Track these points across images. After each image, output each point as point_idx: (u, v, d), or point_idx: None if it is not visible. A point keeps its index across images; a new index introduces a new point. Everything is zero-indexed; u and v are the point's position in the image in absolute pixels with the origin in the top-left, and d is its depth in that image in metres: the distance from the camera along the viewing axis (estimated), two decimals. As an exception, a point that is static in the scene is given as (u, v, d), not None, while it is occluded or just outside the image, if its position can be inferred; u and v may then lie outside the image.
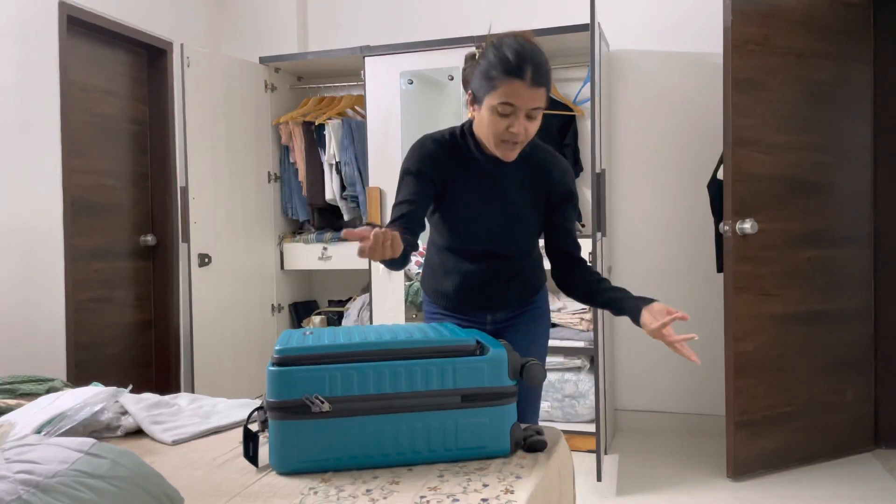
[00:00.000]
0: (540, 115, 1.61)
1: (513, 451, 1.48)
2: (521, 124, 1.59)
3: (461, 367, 1.44)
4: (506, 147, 1.63)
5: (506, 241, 1.80)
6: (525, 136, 1.62)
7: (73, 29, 3.25)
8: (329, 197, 3.87)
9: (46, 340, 3.06)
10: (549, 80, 1.59)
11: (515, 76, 1.53)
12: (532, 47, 1.57)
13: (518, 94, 1.55)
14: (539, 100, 1.57)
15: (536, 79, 1.54)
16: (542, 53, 1.58)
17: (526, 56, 1.54)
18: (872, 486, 2.87)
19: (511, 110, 1.57)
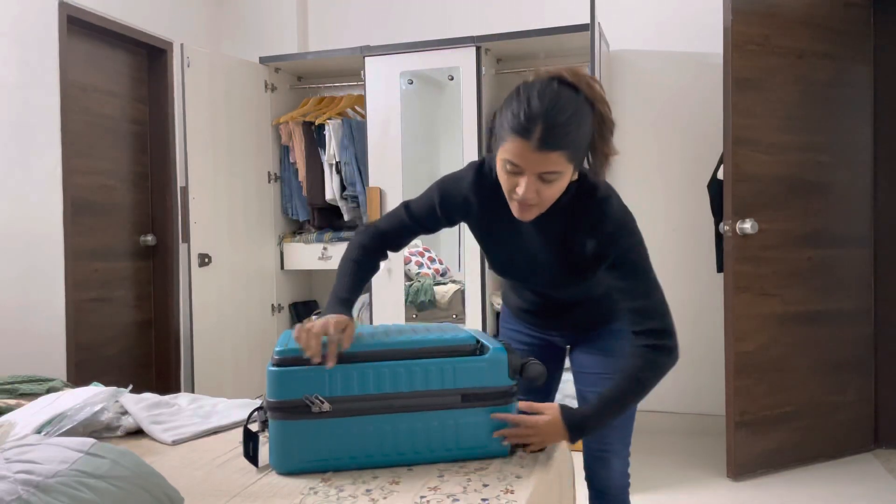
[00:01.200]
0: (560, 178, 1.36)
1: (513, 451, 1.48)
2: (532, 187, 1.35)
3: (461, 366, 1.44)
4: (518, 208, 1.41)
5: (552, 287, 1.63)
6: (539, 199, 1.38)
7: (73, 29, 3.25)
8: (329, 197, 3.87)
9: (46, 340, 3.06)
10: (566, 143, 1.32)
11: (520, 135, 1.31)
12: (555, 102, 1.31)
13: (522, 156, 1.33)
14: (549, 164, 1.33)
15: (545, 143, 1.30)
16: (565, 111, 1.32)
17: (538, 114, 1.30)
18: (872, 486, 2.87)
19: (517, 170, 1.36)
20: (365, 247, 1.60)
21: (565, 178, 1.38)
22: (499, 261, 1.64)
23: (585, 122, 1.37)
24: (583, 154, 1.41)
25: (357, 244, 1.61)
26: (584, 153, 1.42)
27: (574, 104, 1.34)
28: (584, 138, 1.38)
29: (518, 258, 1.59)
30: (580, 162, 1.41)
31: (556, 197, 1.41)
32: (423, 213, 1.61)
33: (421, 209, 1.61)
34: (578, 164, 1.41)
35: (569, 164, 1.36)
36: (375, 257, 1.63)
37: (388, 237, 1.63)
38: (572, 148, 1.34)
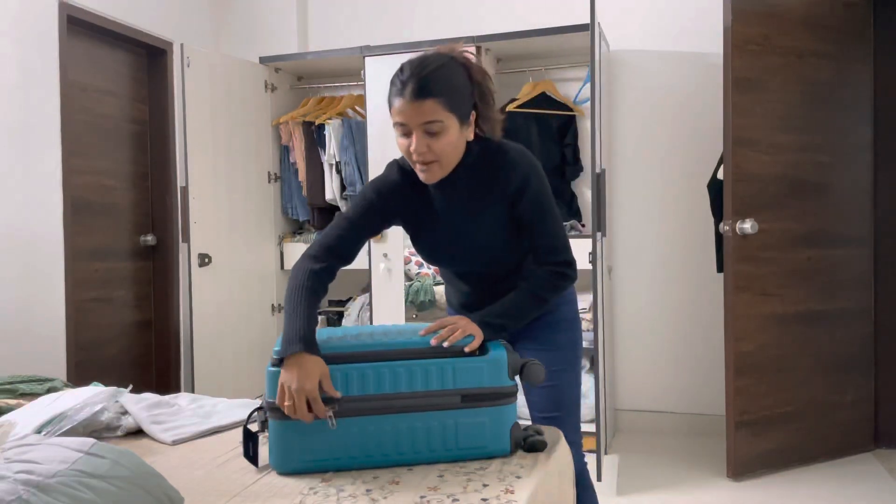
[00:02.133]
0: (445, 129, 1.49)
1: (513, 451, 1.48)
2: (422, 142, 1.49)
3: (461, 367, 1.44)
4: (419, 169, 1.54)
5: (478, 263, 1.71)
6: (433, 154, 1.50)
7: (73, 29, 3.25)
8: (329, 197, 3.87)
9: (46, 340, 3.06)
10: (436, 91, 1.46)
11: (397, 94, 1.49)
12: (422, 61, 1.49)
13: (402, 111, 1.48)
14: (426, 113, 1.46)
15: (418, 92, 1.45)
16: (431, 65, 1.48)
17: (409, 72, 1.48)
18: (872, 486, 2.87)
19: (405, 129, 1.50)
20: (315, 272, 1.55)
21: (451, 130, 1.50)
22: (430, 246, 1.72)
23: (456, 75, 1.52)
24: (463, 106, 1.52)
25: (305, 269, 1.56)
26: (465, 106, 1.53)
27: (441, 60, 1.51)
28: (459, 90, 1.52)
29: (446, 238, 1.68)
30: (463, 115, 1.52)
31: (451, 153, 1.54)
32: (362, 217, 1.65)
33: (359, 213, 1.66)
34: (462, 115, 1.52)
35: (447, 112, 1.48)
36: (326, 279, 1.58)
37: (336, 251, 1.62)
38: (444, 95, 1.47)
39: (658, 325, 3.68)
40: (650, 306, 3.68)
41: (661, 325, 3.68)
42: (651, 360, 3.70)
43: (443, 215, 1.66)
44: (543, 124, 3.59)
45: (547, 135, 3.60)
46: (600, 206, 3.04)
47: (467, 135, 1.56)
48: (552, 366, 1.72)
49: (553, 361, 1.74)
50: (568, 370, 1.79)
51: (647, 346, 3.70)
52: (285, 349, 1.40)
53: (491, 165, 1.61)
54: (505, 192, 1.60)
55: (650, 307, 3.68)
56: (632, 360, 3.72)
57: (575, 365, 1.82)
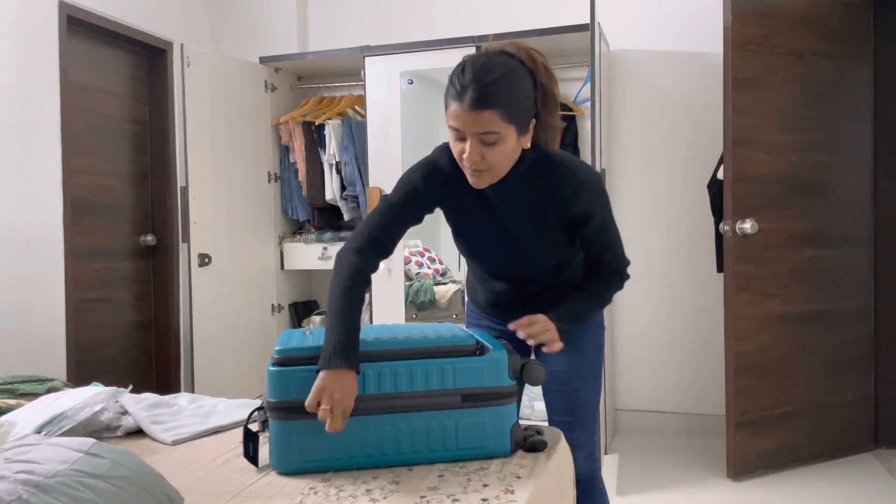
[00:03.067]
0: (502, 140, 1.40)
1: (513, 451, 1.48)
2: (476, 150, 1.40)
3: (461, 367, 1.44)
4: (469, 174, 1.47)
5: (519, 265, 1.66)
6: (486, 164, 1.43)
7: (73, 29, 3.25)
8: (329, 197, 3.87)
9: (46, 340, 3.06)
10: (497, 102, 1.36)
11: (455, 98, 1.39)
12: (486, 65, 1.38)
13: (459, 118, 1.39)
14: (483, 124, 1.37)
15: (477, 102, 1.36)
16: (495, 72, 1.37)
17: (469, 77, 1.37)
18: (872, 486, 2.87)
19: (460, 134, 1.42)
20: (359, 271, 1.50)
21: (508, 140, 1.42)
22: (472, 243, 1.67)
23: (521, 84, 1.41)
24: (523, 116, 1.43)
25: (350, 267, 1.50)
26: (525, 116, 1.44)
27: (506, 67, 1.40)
28: (522, 101, 1.41)
29: (492, 239, 1.63)
30: (522, 125, 1.43)
31: (504, 162, 1.46)
32: (407, 201, 1.58)
33: (402, 195, 1.58)
34: (521, 126, 1.43)
35: (506, 124, 1.39)
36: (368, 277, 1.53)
37: (379, 242, 1.56)
38: (505, 107, 1.37)
39: (658, 324, 3.68)
40: (650, 306, 3.68)
41: (660, 325, 3.68)
42: (651, 360, 3.70)
43: (491, 216, 1.59)
44: (543, 124, 3.58)
45: (547, 135, 3.59)
46: (600, 206, 3.03)
47: (524, 143, 1.48)
48: (577, 369, 1.71)
49: (577, 364, 1.72)
50: (591, 375, 1.76)
51: (647, 346, 3.70)
52: (329, 361, 1.35)
53: (552, 178, 1.53)
54: (569, 210, 1.54)
55: (650, 307, 3.68)
56: (632, 360, 3.72)
57: (598, 369, 1.79)
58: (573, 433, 1.73)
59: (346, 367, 1.34)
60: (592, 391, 1.77)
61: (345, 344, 1.37)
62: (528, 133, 1.47)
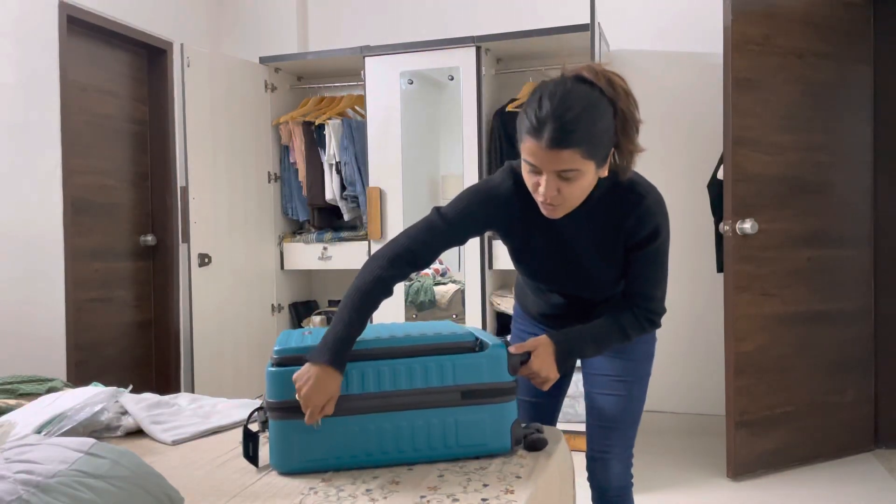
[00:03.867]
0: (580, 176, 1.36)
1: (513, 448, 1.48)
2: (552, 185, 1.36)
3: (460, 363, 1.44)
4: (543, 207, 1.43)
5: (578, 288, 1.63)
6: (561, 199, 1.39)
7: (73, 29, 3.25)
8: (329, 197, 3.87)
9: (46, 340, 3.06)
10: (577, 141, 1.31)
11: (532, 136, 1.33)
12: (564, 99, 1.32)
13: (536, 155, 1.34)
14: (562, 163, 1.33)
15: (555, 141, 1.31)
16: (574, 108, 1.31)
17: (547, 113, 1.31)
18: (872, 486, 2.87)
19: (536, 169, 1.37)
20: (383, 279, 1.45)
21: (586, 175, 1.37)
22: (537, 267, 1.62)
23: (601, 118, 1.35)
24: (603, 150, 1.38)
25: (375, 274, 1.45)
26: (605, 149, 1.39)
27: (586, 101, 1.34)
28: (602, 134, 1.36)
29: (559, 262, 1.58)
30: (601, 158, 1.39)
31: (581, 195, 1.41)
32: (460, 221, 1.52)
33: (458, 216, 1.52)
34: (600, 160, 1.38)
35: (586, 160, 1.34)
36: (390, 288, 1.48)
37: (418, 256, 1.50)
38: (585, 145, 1.33)
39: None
40: (650, 306, 3.68)
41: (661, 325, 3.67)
42: (651, 360, 3.69)
43: (555, 240, 1.55)
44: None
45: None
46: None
47: (602, 174, 1.43)
48: (621, 376, 1.68)
49: (623, 371, 1.68)
50: (635, 383, 1.71)
51: (647, 346, 3.69)
52: (316, 354, 1.36)
53: (622, 204, 1.49)
54: (631, 237, 1.50)
55: (650, 307, 3.68)
56: (632, 360, 3.71)
57: (644, 379, 1.74)
58: (608, 440, 1.69)
59: (326, 364, 1.35)
60: (635, 401, 1.71)
61: (337, 342, 1.37)
62: (606, 164, 1.42)
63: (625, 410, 1.69)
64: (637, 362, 1.72)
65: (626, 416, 1.70)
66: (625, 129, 1.40)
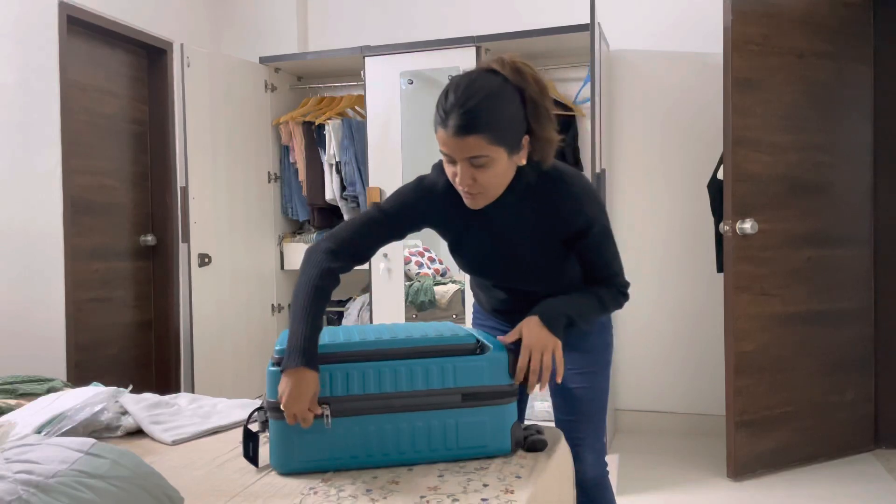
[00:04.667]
0: (492, 162, 1.39)
1: (513, 450, 1.48)
2: (467, 173, 1.40)
3: (461, 366, 1.44)
4: (464, 195, 1.46)
5: (517, 281, 1.65)
6: (479, 186, 1.42)
7: (73, 29, 3.25)
8: (329, 197, 3.87)
9: (46, 340, 3.06)
10: (481, 127, 1.35)
11: (440, 123, 1.38)
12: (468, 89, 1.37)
13: (446, 144, 1.39)
14: (470, 149, 1.36)
15: (460, 129, 1.35)
16: (477, 95, 1.35)
17: (451, 103, 1.36)
18: (872, 486, 2.87)
19: (450, 158, 1.42)
20: (329, 270, 1.47)
21: (498, 162, 1.40)
22: (473, 261, 1.65)
23: (506, 104, 1.38)
24: (511, 136, 1.40)
25: (320, 266, 1.47)
26: (514, 135, 1.41)
27: (489, 89, 1.38)
28: (508, 120, 1.39)
29: (493, 255, 1.61)
30: (511, 144, 1.41)
31: (497, 183, 1.44)
32: (397, 214, 1.57)
33: (396, 210, 1.57)
34: (510, 146, 1.41)
35: (494, 146, 1.37)
36: (336, 280, 1.50)
37: (357, 251, 1.54)
38: (490, 131, 1.36)
39: (658, 324, 3.68)
40: (650, 306, 3.68)
41: (661, 325, 3.68)
42: (651, 360, 3.70)
43: (489, 234, 1.58)
44: (543, 124, 3.58)
45: (547, 135, 3.59)
46: (600, 206, 3.03)
47: (518, 161, 1.45)
48: (581, 368, 1.70)
49: (583, 363, 1.71)
50: (597, 374, 1.74)
51: (647, 346, 3.70)
52: (287, 361, 1.36)
53: (551, 195, 1.51)
54: (570, 224, 1.52)
55: (650, 307, 3.68)
56: (632, 360, 3.72)
57: (605, 369, 1.76)
58: (578, 433, 1.72)
59: (301, 366, 1.35)
60: (598, 391, 1.74)
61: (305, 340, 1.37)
62: (521, 150, 1.44)
63: (591, 402, 1.73)
64: (596, 353, 1.74)
65: (592, 406, 1.73)
66: (536, 116, 1.43)
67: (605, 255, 1.59)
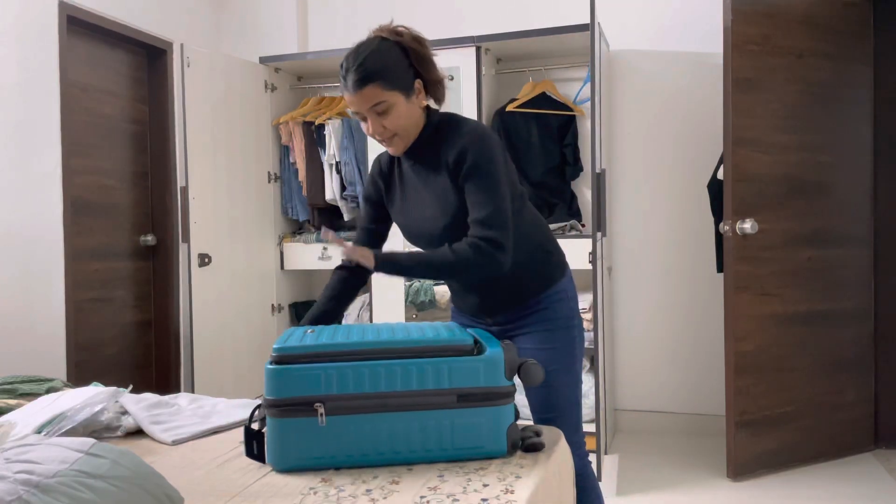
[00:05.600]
0: (392, 107, 1.60)
1: (510, 452, 1.48)
2: (376, 123, 1.62)
3: (457, 366, 1.43)
4: (385, 146, 1.69)
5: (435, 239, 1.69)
6: (388, 131, 1.63)
7: (73, 29, 3.25)
8: (329, 197, 3.87)
9: (46, 340, 3.06)
10: (372, 76, 1.57)
11: (344, 89, 1.61)
12: (354, 52, 1.60)
13: (351, 102, 1.62)
14: (369, 99, 1.58)
15: (356, 84, 1.58)
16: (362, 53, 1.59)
17: (346, 65, 1.60)
18: (872, 486, 2.87)
19: (360, 115, 1.63)
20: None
21: (398, 105, 1.60)
22: (405, 226, 1.79)
23: (388, 54, 1.61)
24: (400, 79, 1.61)
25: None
26: (403, 78, 1.61)
27: (371, 47, 1.61)
28: (393, 66, 1.60)
29: (408, 212, 1.75)
30: (404, 87, 1.61)
31: (405, 124, 1.63)
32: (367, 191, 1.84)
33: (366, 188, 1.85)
34: (403, 88, 1.61)
35: (388, 91, 1.58)
36: None
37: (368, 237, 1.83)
38: (381, 78, 1.58)
39: (658, 325, 3.68)
40: (650, 306, 3.68)
41: (660, 325, 3.68)
42: (651, 360, 3.70)
43: (406, 189, 1.75)
44: (543, 124, 3.59)
45: (547, 135, 3.60)
46: (600, 206, 3.04)
47: (419, 102, 1.65)
48: (548, 366, 1.71)
49: (549, 361, 1.72)
50: (564, 370, 1.77)
51: (647, 346, 3.70)
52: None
53: (442, 137, 1.66)
54: (447, 164, 1.62)
55: (650, 307, 3.68)
56: (632, 360, 3.72)
57: (572, 365, 1.79)
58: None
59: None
60: (567, 386, 1.78)
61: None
62: (416, 93, 1.64)
63: (558, 400, 1.77)
64: (559, 350, 1.76)
65: (561, 405, 1.77)
66: (421, 62, 1.64)
67: (475, 198, 1.59)
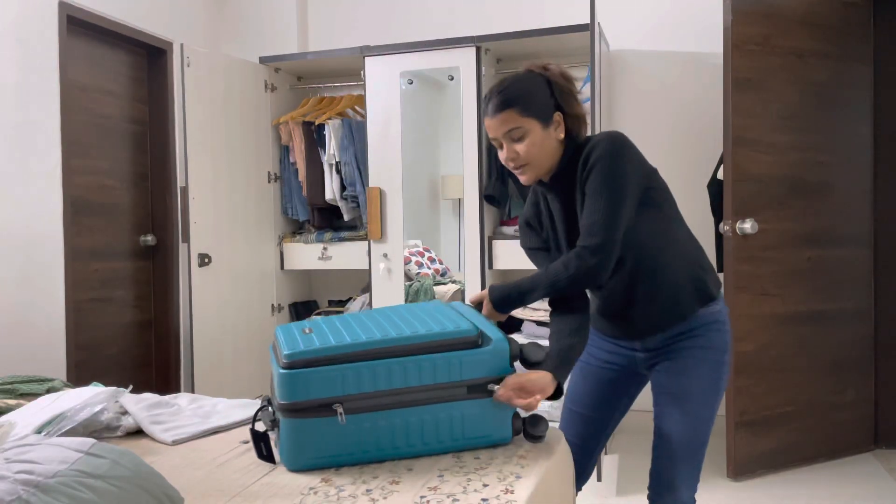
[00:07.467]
0: (527, 133, 1.58)
1: (513, 437, 1.54)
2: (511, 150, 1.61)
3: (467, 359, 1.47)
4: (518, 175, 1.65)
5: None
6: (521, 159, 1.60)
7: (73, 29, 3.25)
8: (329, 197, 3.87)
9: (46, 340, 3.06)
10: (512, 102, 1.57)
11: (485, 114, 1.64)
12: (500, 82, 1.63)
13: (490, 127, 1.63)
14: (506, 123, 1.59)
15: (495, 108, 1.59)
16: (505, 81, 1.62)
17: (488, 94, 1.63)
18: (872, 486, 2.87)
19: (497, 142, 1.64)
20: None
21: (534, 132, 1.59)
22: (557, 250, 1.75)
23: (531, 83, 1.61)
24: (540, 109, 1.59)
25: None
26: (543, 107, 1.59)
27: (516, 77, 1.64)
28: (534, 94, 1.60)
29: (559, 240, 1.72)
30: (543, 116, 1.59)
31: (538, 154, 1.60)
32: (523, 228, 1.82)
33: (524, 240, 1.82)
34: (541, 117, 1.59)
35: (525, 118, 1.58)
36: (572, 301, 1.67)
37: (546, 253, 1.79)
38: (521, 104, 1.58)
39: (658, 325, 3.67)
40: (650, 306, 3.67)
41: (661, 325, 3.67)
42: (651, 360, 3.69)
43: (555, 218, 1.72)
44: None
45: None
46: (600, 206, 3.03)
47: (556, 135, 1.62)
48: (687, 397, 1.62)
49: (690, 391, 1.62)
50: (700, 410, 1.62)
51: (647, 346, 3.69)
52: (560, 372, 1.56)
53: (576, 162, 1.62)
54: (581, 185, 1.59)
55: (650, 307, 3.68)
56: (632, 360, 3.71)
57: (711, 405, 1.63)
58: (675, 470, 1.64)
59: None
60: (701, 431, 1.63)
61: None
62: (555, 125, 1.61)
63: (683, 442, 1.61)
64: (703, 380, 1.62)
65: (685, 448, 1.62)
66: (562, 95, 1.62)
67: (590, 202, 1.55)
